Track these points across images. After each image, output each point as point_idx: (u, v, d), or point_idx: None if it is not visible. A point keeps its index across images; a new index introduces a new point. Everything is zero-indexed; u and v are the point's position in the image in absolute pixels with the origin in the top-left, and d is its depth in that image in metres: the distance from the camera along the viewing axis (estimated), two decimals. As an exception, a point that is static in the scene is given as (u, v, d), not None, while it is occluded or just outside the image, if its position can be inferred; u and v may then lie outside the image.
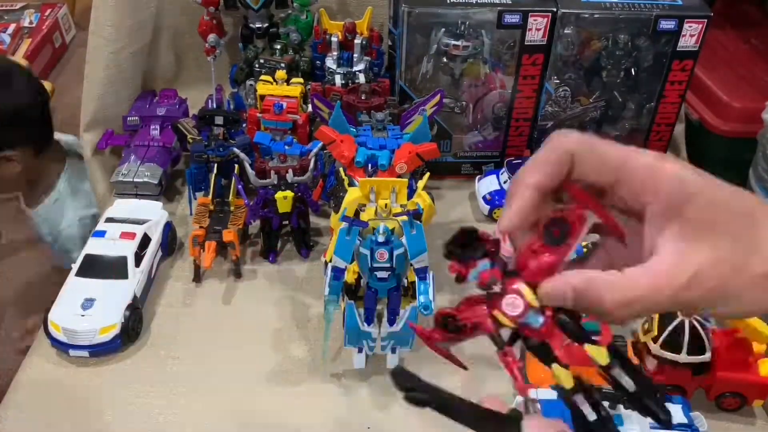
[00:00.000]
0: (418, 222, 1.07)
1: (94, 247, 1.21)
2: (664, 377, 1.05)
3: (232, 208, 1.32)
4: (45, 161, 1.67)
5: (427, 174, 1.20)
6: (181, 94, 1.62)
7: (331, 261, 1.04)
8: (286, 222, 1.29)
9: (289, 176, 1.24)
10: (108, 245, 1.21)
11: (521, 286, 0.55)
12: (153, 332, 1.18)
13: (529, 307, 0.55)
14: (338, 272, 1.02)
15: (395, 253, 1.04)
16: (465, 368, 0.64)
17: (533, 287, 0.54)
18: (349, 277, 1.08)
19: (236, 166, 1.32)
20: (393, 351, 1.09)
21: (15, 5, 2.33)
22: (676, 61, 1.38)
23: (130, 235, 1.22)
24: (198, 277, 1.28)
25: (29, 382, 1.11)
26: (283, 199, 1.24)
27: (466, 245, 0.57)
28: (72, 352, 1.12)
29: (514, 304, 0.56)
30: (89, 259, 1.20)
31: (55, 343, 1.12)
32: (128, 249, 1.20)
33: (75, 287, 1.16)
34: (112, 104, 1.54)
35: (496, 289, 0.56)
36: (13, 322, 1.89)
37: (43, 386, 1.10)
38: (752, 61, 2.16)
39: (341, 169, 1.20)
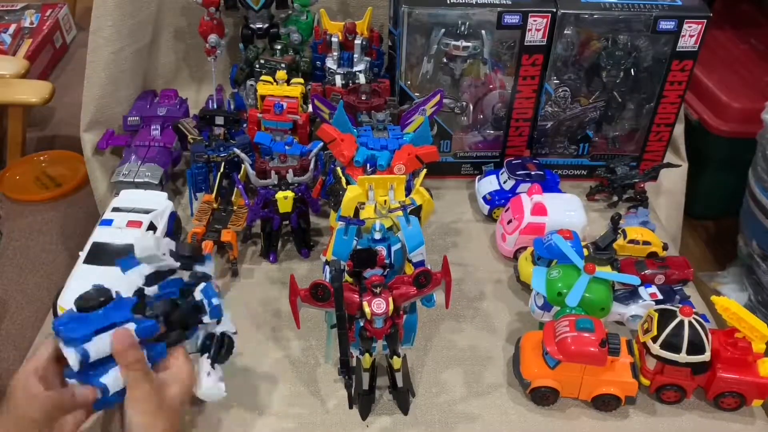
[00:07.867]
0: (414, 216, 1.08)
1: (101, 235, 1.22)
2: (664, 377, 1.06)
3: (234, 208, 1.32)
4: None
5: (424, 170, 1.20)
6: (181, 94, 1.62)
7: (330, 260, 1.04)
8: (287, 222, 1.29)
9: (290, 176, 1.24)
10: (115, 233, 1.22)
11: (389, 298, 0.93)
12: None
13: (386, 312, 0.93)
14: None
15: (393, 249, 1.04)
16: (298, 327, 1.00)
17: (395, 302, 0.94)
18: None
19: (242, 167, 1.32)
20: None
21: (16, 5, 2.33)
22: (676, 61, 1.39)
23: (137, 224, 1.23)
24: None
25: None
26: (284, 199, 1.24)
27: (366, 258, 0.94)
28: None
29: (380, 305, 0.93)
30: (97, 247, 1.21)
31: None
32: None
33: (83, 274, 1.17)
34: (113, 104, 1.54)
35: (376, 291, 0.93)
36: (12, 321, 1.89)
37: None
38: (752, 62, 2.16)
39: (338, 168, 1.20)
